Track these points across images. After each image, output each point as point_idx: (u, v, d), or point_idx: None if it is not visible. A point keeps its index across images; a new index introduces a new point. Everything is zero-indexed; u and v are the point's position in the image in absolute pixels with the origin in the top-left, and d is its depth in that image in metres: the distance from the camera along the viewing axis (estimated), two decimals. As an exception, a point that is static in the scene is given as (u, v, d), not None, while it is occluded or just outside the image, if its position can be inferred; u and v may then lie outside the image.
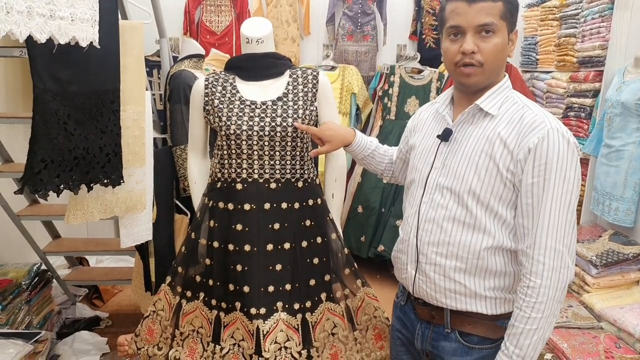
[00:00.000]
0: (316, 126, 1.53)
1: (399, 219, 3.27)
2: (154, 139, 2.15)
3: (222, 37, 3.70)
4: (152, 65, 3.34)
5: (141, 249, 2.08)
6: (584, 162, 2.86)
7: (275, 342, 1.38)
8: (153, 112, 2.11)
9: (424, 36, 3.72)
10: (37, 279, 2.44)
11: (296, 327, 1.42)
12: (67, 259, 2.96)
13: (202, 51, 2.29)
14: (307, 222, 1.47)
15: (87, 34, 1.22)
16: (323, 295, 1.48)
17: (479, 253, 1.03)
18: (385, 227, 3.32)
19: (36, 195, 2.53)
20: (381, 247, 3.29)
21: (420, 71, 3.45)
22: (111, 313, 2.88)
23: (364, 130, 3.70)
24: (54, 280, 2.63)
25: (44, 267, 2.55)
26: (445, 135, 1.08)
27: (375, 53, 3.76)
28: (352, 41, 3.73)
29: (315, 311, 1.46)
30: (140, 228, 1.78)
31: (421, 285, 1.11)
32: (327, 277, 1.50)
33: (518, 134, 0.98)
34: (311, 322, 1.45)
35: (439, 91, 3.40)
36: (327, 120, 1.44)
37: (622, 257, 2.36)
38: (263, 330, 1.38)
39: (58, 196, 1.37)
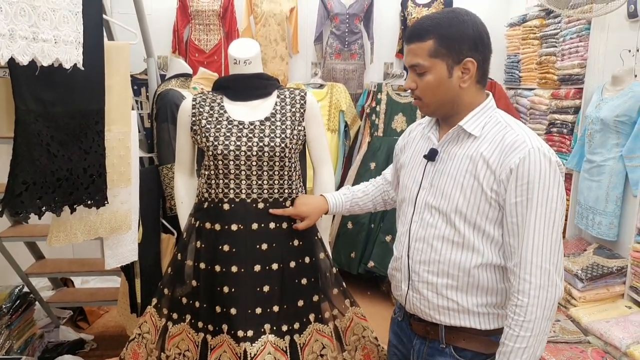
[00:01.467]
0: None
1: (388, 235, 3.27)
2: (141, 158, 2.14)
3: (211, 56, 3.72)
4: (140, 83, 3.34)
5: (127, 270, 2.05)
6: (568, 177, 2.91)
7: (263, 365, 1.36)
8: (140, 131, 2.10)
9: (409, 54, 3.78)
10: (18, 302, 2.37)
11: (284, 349, 1.40)
12: (51, 280, 2.89)
13: (190, 70, 2.30)
14: (296, 242, 1.47)
15: (71, 55, 1.22)
16: (312, 316, 1.47)
17: (469, 271, 1.04)
18: (375, 243, 3.32)
19: (17, 218, 2.49)
20: (371, 264, 3.28)
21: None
22: (96, 335, 2.81)
23: (352, 147, 3.72)
24: (36, 302, 2.56)
25: (26, 289, 2.49)
26: (431, 155, 1.11)
27: (363, 71, 3.81)
28: (340, 59, 3.77)
29: (304, 332, 1.44)
30: (125, 249, 1.75)
31: (415, 303, 1.13)
32: (315, 298, 1.48)
33: (500, 154, 1.00)
34: (299, 344, 1.43)
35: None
36: (300, 196, 1.48)
37: (606, 271, 2.39)
38: (251, 353, 1.35)
39: (40, 218, 1.35)
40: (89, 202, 1.47)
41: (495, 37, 3.66)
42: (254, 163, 1.39)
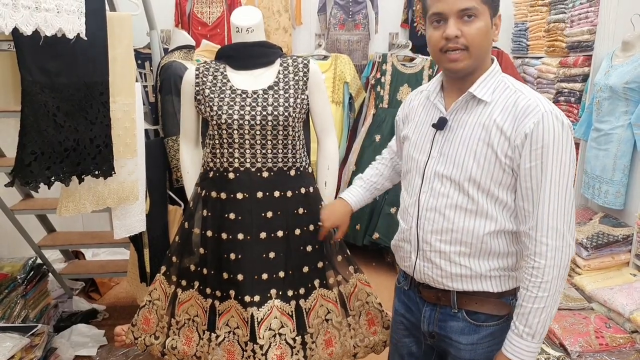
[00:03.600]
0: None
1: (393, 207, 3.29)
2: (146, 130, 2.15)
3: (214, 29, 3.68)
4: (143, 57, 3.32)
5: (135, 240, 2.09)
6: (575, 146, 2.88)
7: (270, 329, 1.40)
8: (144, 104, 2.11)
9: (415, 24, 3.71)
10: (32, 272, 2.44)
11: (290, 313, 1.43)
12: (63, 253, 2.96)
13: (193, 42, 2.28)
14: (300, 210, 1.49)
15: (74, 25, 1.22)
16: (316, 282, 1.50)
17: (482, 237, 1.05)
18: (380, 215, 3.34)
19: (28, 189, 2.54)
20: (376, 235, 3.31)
21: (412, 59, 3.45)
22: (108, 306, 2.89)
23: (357, 119, 3.70)
24: (49, 274, 2.63)
25: (39, 261, 2.56)
26: (441, 124, 1.08)
27: (367, 42, 3.76)
28: (344, 30, 3.71)
29: (309, 298, 1.48)
30: (133, 219, 1.79)
31: (425, 272, 1.12)
32: (320, 264, 1.51)
33: (514, 119, 0.98)
34: (305, 309, 1.46)
35: (431, 79, 3.40)
36: (324, 207, 1.49)
37: (612, 239, 2.40)
38: (257, 318, 1.39)
39: (49, 188, 1.37)
40: (97, 172, 1.49)
41: (503, 4, 3.57)
42: (258, 132, 1.40)
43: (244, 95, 1.41)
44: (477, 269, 1.07)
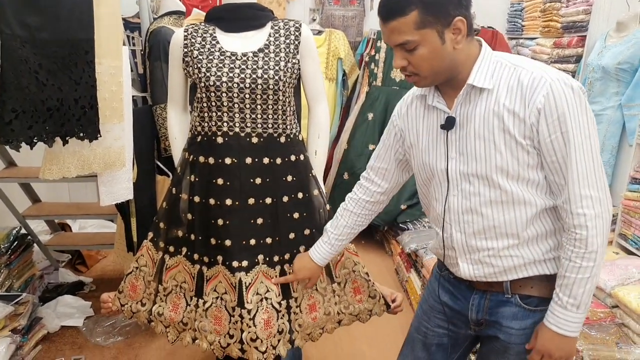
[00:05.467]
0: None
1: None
2: (134, 97, 2.10)
3: (206, 0, 3.59)
4: (132, 27, 3.24)
5: (122, 209, 2.07)
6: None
7: (257, 294, 1.39)
8: (132, 71, 2.06)
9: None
10: (16, 242, 2.41)
11: (273, 277, 1.43)
12: (49, 225, 2.92)
13: (183, 8, 2.22)
14: (289, 178, 1.47)
15: (57, -25, 1.17)
16: (302, 248, 1.49)
17: (526, 224, 1.02)
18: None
19: (10, 154, 2.48)
20: (365, 213, 3.32)
21: (406, 37, 3.42)
22: (95, 278, 2.88)
23: (350, 97, 3.67)
24: (34, 244, 2.60)
25: (23, 231, 2.52)
26: (450, 124, 1.04)
27: (363, 18, 3.71)
28: (339, 5, 3.66)
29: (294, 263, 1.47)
30: (120, 186, 1.75)
31: (477, 273, 1.09)
32: (307, 231, 1.50)
33: (522, 98, 0.95)
34: (289, 273, 1.46)
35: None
36: (296, 260, 1.43)
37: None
38: (245, 283, 1.39)
39: (31, 148, 1.34)
40: (81, 134, 1.45)
41: (500, -17, 3.55)
42: (247, 95, 1.37)
43: (233, 58, 1.38)
44: (530, 256, 1.04)
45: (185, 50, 1.42)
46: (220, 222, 1.42)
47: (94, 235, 2.89)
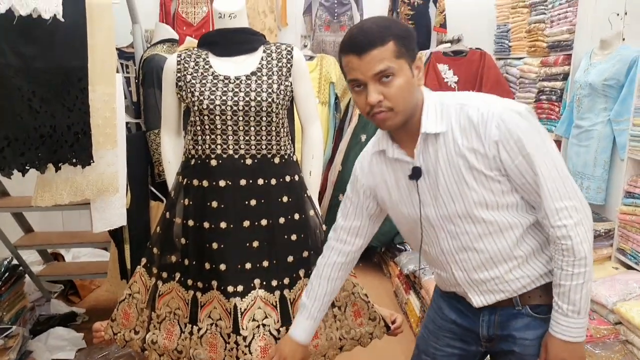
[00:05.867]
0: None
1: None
2: (127, 124, 2.11)
3: (199, 29, 3.66)
4: (127, 56, 3.28)
5: (116, 236, 2.04)
6: (556, 144, 2.93)
7: (253, 320, 1.36)
8: (126, 97, 2.07)
9: (400, 26, 3.75)
10: (7, 274, 2.36)
11: (274, 304, 1.40)
12: (42, 255, 2.87)
13: (176, 36, 2.26)
14: (285, 199, 1.46)
15: (50, 5, 1.19)
16: (301, 272, 1.47)
17: (517, 244, 1.04)
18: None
19: (2, 183, 2.46)
20: (362, 235, 3.29)
21: (396, 60, 3.48)
22: (88, 309, 2.81)
23: (343, 120, 3.71)
24: (26, 275, 2.55)
25: (15, 262, 2.47)
26: (417, 173, 1.05)
27: (352, 43, 3.77)
28: (330, 31, 3.73)
29: (294, 287, 1.45)
30: (113, 212, 1.74)
31: (491, 300, 1.09)
32: (305, 254, 1.49)
33: (478, 136, 0.98)
34: (290, 299, 1.43)
35: (415, 79, 3.43)
36: (283, 345, 1.26)
37: (594, 234, 2.42)
38: (241, 308, 1.36)
39: (23, 175, 1.33)
40: (74, 160, 1.45)
41: (486, 7, 3.63)
42: (241, 118, 1.38)
43: (226, 81, 1.39)
44: (534, 271, 1.05)
45: (179, 74, 1.43)
46: (214, 245, 1.40)
47: (87, 264, 2.84)
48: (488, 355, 1.24)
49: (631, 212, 2.24)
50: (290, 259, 1.45)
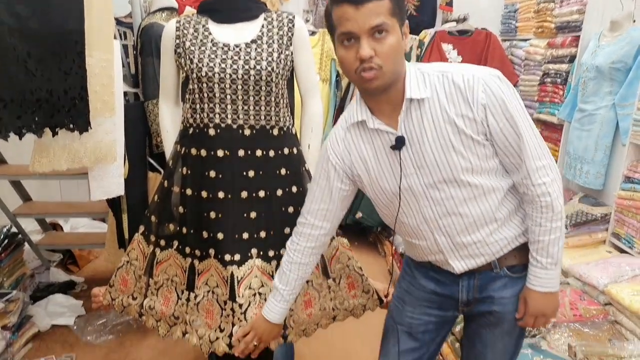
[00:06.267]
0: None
1: (377, 186, 3.28)
2: (126, 94, 2.09)
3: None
4: (125, 26, 3.23)
5: (114, 206, 2.05)
6: (558, 128, 2.91)
7: (250, 288, 1.38)
8: (124, 66, 2.04)
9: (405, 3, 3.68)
10: (7, 241, 2.38)
11: (271, 273, 1.41)
12: (40, 225, 2.89)
13: (175, 4, 2.22)
14: (283, 171, 1.46)
15: (46, -37, 1.16)
16: (297, 244, 1.47)
17: (498, 206, 1.08)
18: (364, 195, 3.33)
19: (0, 152, 2.45)
20: (359, 214, 3.31)
21: (400, 37, 3.42)
22: (87, 278, 2.85)
23: (344, 98, 3.67)
24: (25, 243, 2.57)
25: (14, 230, 2.49)
26: (400, 143, 1.04)
27: (356, 19, 3.71)
28: (333, 7, 3.66)
29: (290, 259, 1.46)
30: (111, 182, 1.74)
31: (471, 265, 1.13)
32: (301, 226, 1.49)
33: (465, 100, 1.00)
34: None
35: (418, 58, 3.39)
36: (256, 324, 1.30)
37: (590, 218, 2.43)
38: (237, 277, 1.37)
39: (20, 139, 1.32)
40: (71, 125, 1.44)
41: (494, -15, 3.57)
42: (240, 87, 1.36)
43: (225, 49, 1.37)
44: (511, 233, 1.10)
45: (177, 41, 1.41)
46: (212, 215, 1.40)
47: (85, 234, 2.86)
48: (465, 321, 1.30)
49: (629, 197, 2.24)
50: (287, 230, 1.46)
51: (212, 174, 1.40)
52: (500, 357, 1.22)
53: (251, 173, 1.41)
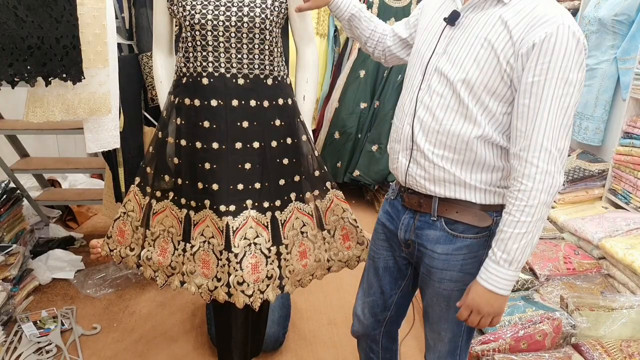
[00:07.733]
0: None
1: (374, 145, 3.28)
2: (120, 46, 2.05)
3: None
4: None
5: (110, 160, 2.05)
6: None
7: (245, 238, 1.40)
8: (117, 18, 1.99)
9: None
10: (5, 196, 2.39)
11: (265, 224, 1.43)
12: (38, 181, 2.90)
13: (168, -48, 2.12)
14: (277, 122, 1.45)
15: None
16: (292, 195, 1.49)
17: (467, 143, 1.02)
18: (362, 153, 3.34)
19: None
20: (357, 172, 3.32)
21: (401, -9, 3.32)
22: (86, 234, 2.89)
23: (342, 54, 3.60)
24: (24, 199, 2.59)
25: (12, 185, 2.50)
26: (452, 19, 1.03)
27: (356, -28, 3.58)
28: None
29: (285, 210, 1.47)
30: (106, 134, 1.73)
31: (411, 174, 1.11)
32: (296, 178, 1.49)
33: (526, 25, 0.92)
34: (280, 220, 1.46)
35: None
36: None
37: (587, 174, 2.44)
38: (232, 227, 1.39)
39: (13, 87, 1.30)
40: (64, 75, 1.41)
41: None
42: (233, 34, 1.33)
43: (218, -6, 1.33)
44: (462, 176, 1.05)
45: (169, -13, 1.36)
46: (207, 166, 1.40)
47: (84, 191, 2.88)
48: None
49: (627, 153, 2.25)
50: (281, 182, 1.46)
51: (206, 124, 1.39)
52: (441, 324, 1.17)
53: (245, 123, 1.40)
